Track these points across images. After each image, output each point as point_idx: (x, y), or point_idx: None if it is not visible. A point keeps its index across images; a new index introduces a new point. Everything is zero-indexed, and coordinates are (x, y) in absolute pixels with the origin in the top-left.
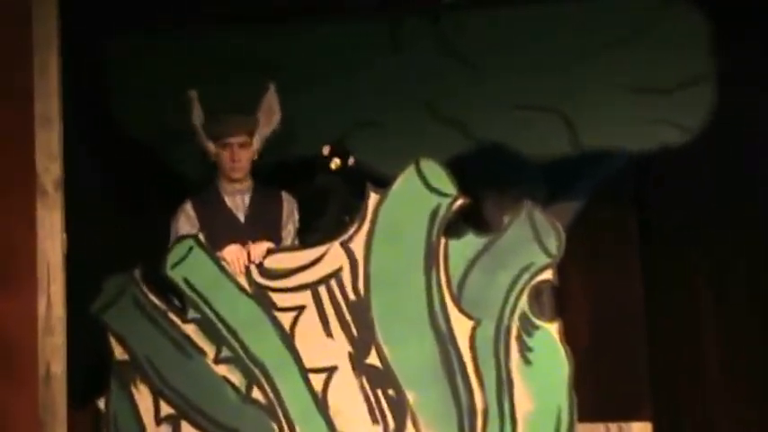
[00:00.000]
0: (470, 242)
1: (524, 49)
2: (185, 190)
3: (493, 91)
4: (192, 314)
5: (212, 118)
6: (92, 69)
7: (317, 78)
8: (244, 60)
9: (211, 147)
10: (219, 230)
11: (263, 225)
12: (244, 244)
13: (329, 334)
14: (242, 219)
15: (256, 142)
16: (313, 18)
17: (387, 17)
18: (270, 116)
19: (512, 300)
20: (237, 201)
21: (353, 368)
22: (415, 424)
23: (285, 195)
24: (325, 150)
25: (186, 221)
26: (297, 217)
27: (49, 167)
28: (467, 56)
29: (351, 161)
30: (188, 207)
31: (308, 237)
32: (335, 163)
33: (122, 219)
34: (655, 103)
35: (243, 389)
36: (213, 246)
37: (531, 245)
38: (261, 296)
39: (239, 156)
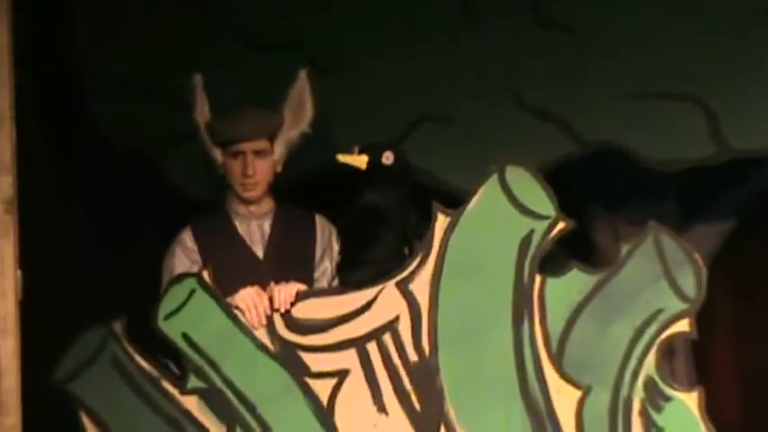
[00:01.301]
0: (576, 280)
1: (648, 19)
2: (185, 213)
3: (604, 75)
4: (193, 382)
5: (219, 116)
6: (57, 50)
7: (360, 61)
8: (262, 37)
9: (218, 155)
10: (230, 268)
11: (289, 261)
12: (264, 286)
13: (382, 408)
14: (260, 253)
15: (279, 149)
16: None
17: None
18: (298, 113)
19: (633, 360)
20: (254, 228)
21: None
22: None
23: (319, 220)
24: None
25: (184, 256)
26: (336, 249)
27: None
28: (568, 27)
29: (388, 158)
30: (187, 237)
31: (351, 275)
32: (360, 160)
33: (99, 251)
34: None
35: None
36: (222, 289)
37: (660, 284)
38: (288, 357)
39: (255, 167)
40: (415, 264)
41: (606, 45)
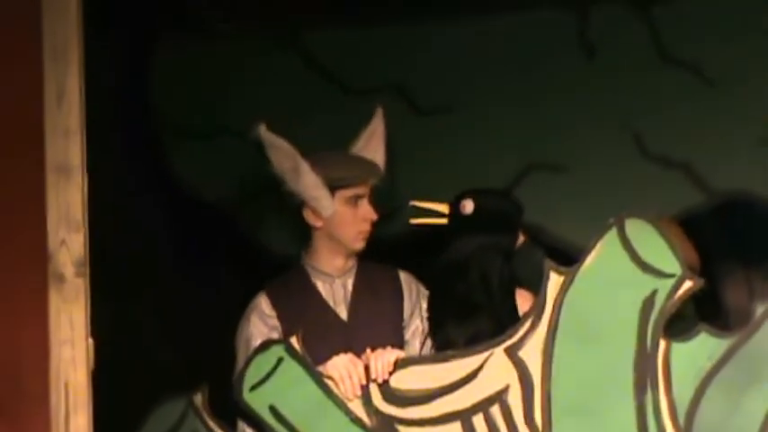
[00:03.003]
0: (705, 345)
1: None
2: (267, 272)
3: (733, 115)
4: None
5: (327, 159)
6: (130, 96)
7: (453, 98)
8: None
9: (326, 203)
10: (312, 332)
11: (376, 322)
12: (350, 350)
13: None
14: (344, 314)
15: None
16: (453, 10)
17: (572, 3)
18: (374, 155)
19: None
20: (337, 288)
21: None
22: None
23: (404, 276)
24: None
25: (261, 323)
26: (425, 308)
27: (67, 240)
28: (695, 64)
29: (468, 207)
30: (263, 301)
31: (453, 339)
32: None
33: (177, 318)
34: None
35: None
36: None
37: None
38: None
39: (373, 214)
40: (525, 328)
41: (735, 79)
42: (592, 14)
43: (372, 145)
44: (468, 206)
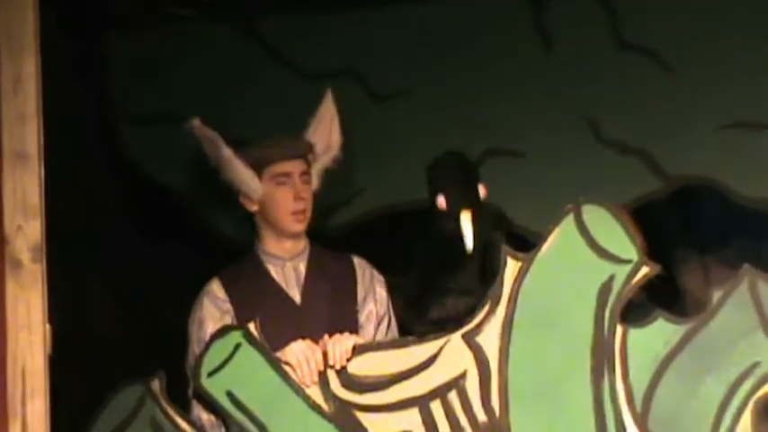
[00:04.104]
0: (662, 331)
1: (750, 37)
2: (226, 259)
3: (692, 102)
4: None
5: (253, 144)
6: (86, 84)
7: (409, 83)
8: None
9: (256, 187)
10: (265, 316)
11: (329, 305)
12: (304, 333)
13: None
14: (297, 298)
15: (314, 179)
16: None
17: None
18: (326, 137)
19: (727, 421)
20: (289, 271)
21: None
22: None
23: (358, 261)
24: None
25: (213, 306)
26: (382, 293)
27: (24, 226)
28: (652, 50)
29: (440, 202)
30: (215, 286)
31: (413, 326)
32: (466, 218)
33: (134, 303)
34: None
35: None
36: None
37: (756, 334)
38: (344, 418)
39: (305, 192)
40: (483, 314)
41: (693, 68)
42: (550, 0)
43: (323, 127)
44: (441, 201)
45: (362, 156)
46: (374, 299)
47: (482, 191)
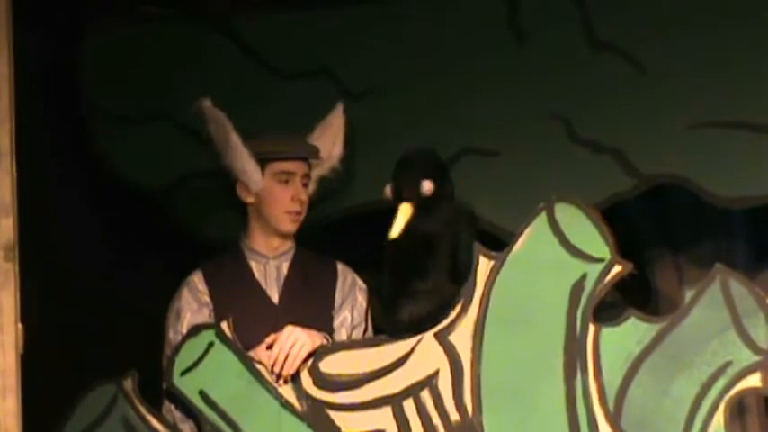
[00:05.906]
0: (634, 330)
1: (722, 36)
2: (201, 260)
3: (665, 101)
4: None
5: (263, 136)
6: (60, 82)
7: (384, 82)
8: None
9: (256, 179)
10: (242, 313)
11: (305, 307)
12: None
13: None
14: (275, 297)
15: (312, 184)
16: None
17: None
18: (329, 146)
19: (699, 420)
20: (270, 269)
21: None
22: None
23: (341, 267)
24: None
25: (192, 298)
26: (362, 301)
27: None
28: (626, 50)
29: (428, 189)
30: (196, 278)
31: (386, 326)
32: (405, 212)
33: (107, 301)
34: None
35: None
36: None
37: (728, 333)
38: (317, 417)
39: (304, 194)
40: (455, 313)
41: (668, 66)
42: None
43: (327, 136)
44: (429, 187)
45: None
46: (351, 305)
47: (426, 186)
